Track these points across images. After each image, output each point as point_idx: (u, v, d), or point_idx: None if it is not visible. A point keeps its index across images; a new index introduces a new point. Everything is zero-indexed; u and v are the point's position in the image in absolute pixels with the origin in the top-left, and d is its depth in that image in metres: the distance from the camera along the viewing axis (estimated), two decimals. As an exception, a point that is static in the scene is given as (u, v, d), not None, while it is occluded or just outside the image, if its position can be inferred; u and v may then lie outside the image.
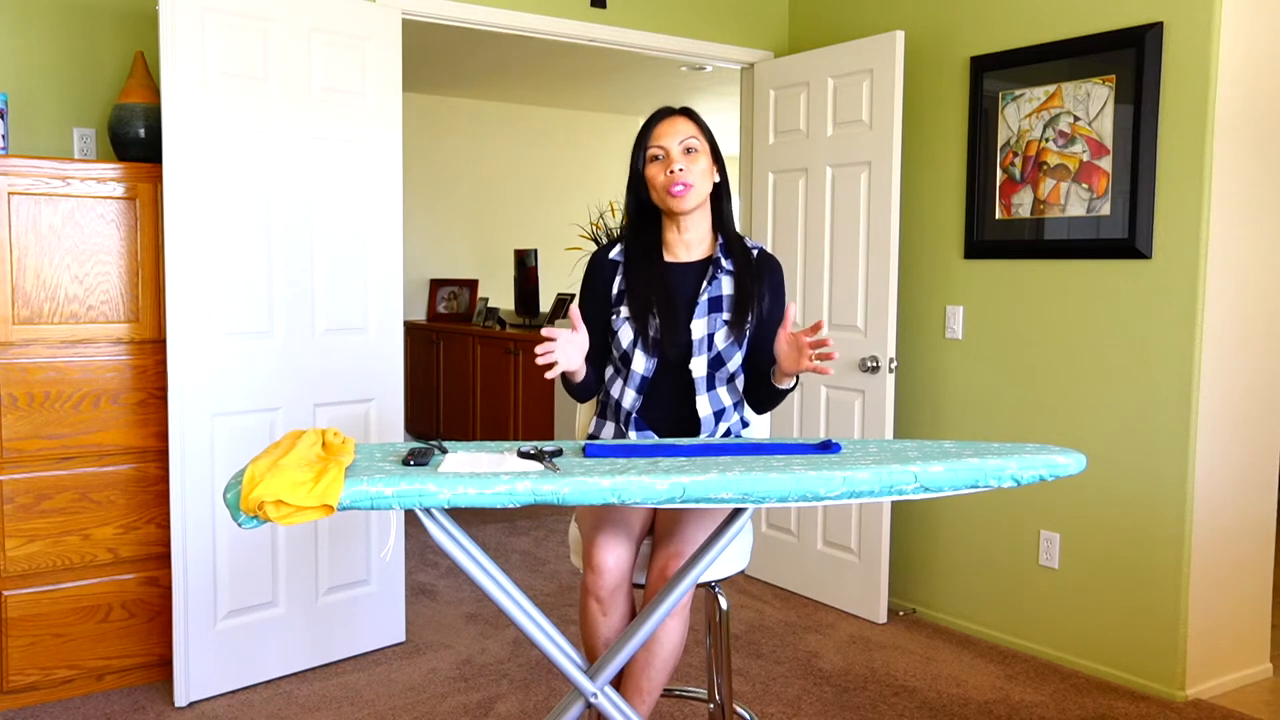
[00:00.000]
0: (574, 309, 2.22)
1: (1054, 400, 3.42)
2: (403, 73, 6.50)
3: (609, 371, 2.38)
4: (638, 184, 2.34)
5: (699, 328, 2.28)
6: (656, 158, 2.29)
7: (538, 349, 2.09)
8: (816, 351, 2.08)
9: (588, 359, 2.31)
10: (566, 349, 2.16)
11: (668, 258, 2.36)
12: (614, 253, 2.39)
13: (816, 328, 2.08)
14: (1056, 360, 3.41)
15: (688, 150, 2.28)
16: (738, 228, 2.46)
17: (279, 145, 3.12)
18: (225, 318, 3.05)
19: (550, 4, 3.76)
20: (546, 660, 3.25)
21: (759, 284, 2.32)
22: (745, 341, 2.30)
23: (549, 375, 2.12)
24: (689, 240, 2.35)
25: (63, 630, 3.02)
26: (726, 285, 2.31)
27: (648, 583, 2.15)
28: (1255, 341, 3.19)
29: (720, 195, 2.37)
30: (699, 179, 2.28)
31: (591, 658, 2.18)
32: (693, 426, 2.32)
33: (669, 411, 2.33)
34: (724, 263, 2.32)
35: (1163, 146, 3.10)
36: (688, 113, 2.34)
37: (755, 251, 2.36)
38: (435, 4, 3.52)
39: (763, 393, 2.34)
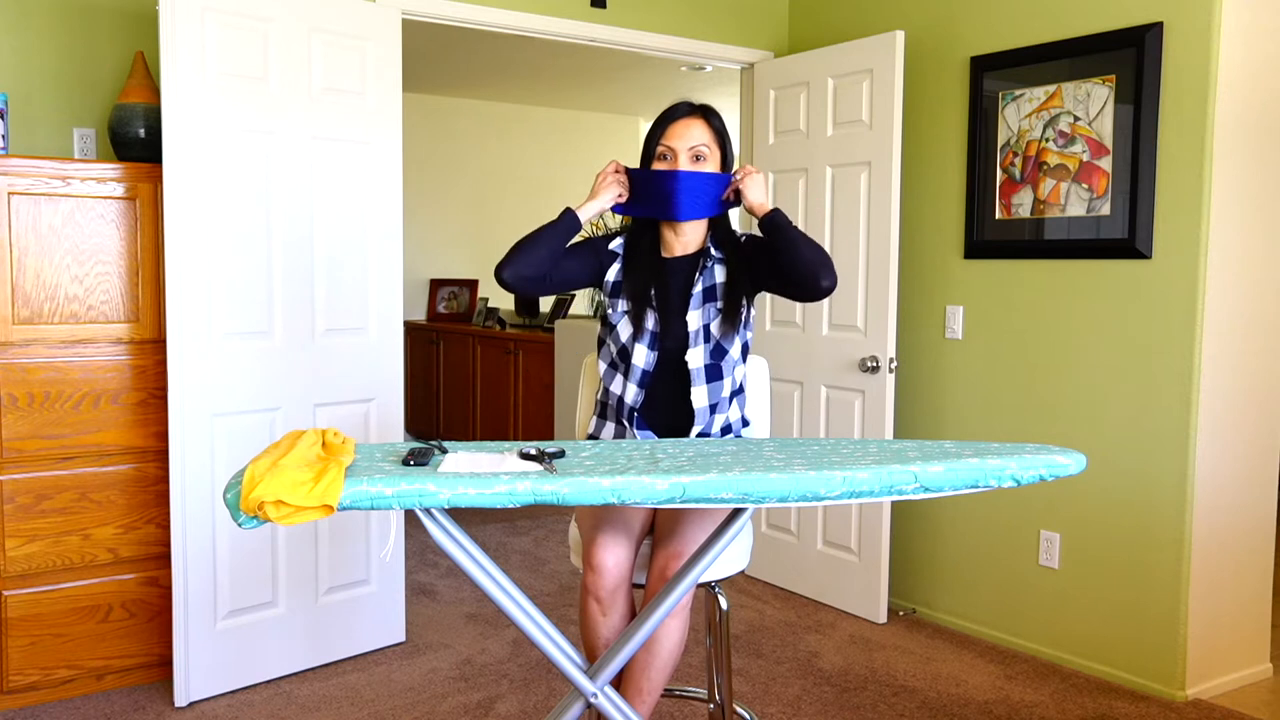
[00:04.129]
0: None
1: (1054, 400, 3.42)
2: (403, 73, 6.50)
3: (603, 367, 2.39)
4: None
5: (694, 319, 2.30)
6: (664, 158, 2.30)
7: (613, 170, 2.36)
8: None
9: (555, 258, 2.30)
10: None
11: (664, 253, 2.39)
12: (614, 244, 2.42)
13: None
14: (1056, 360, 3.41)
15: (696, 158, 2.28)
16: (738, 228, 2.46)
17: (279, 145, 3.12)
18: (225, 318, 3.05)
19: (550, 4, 3.76)
20: (546, 660, 3.25)
21: (747, 266, 2.34)
22: (741, 325, 2.32)
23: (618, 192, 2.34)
24: (685, 241, 2.38)
25: (63, 630, 3.02)
26: (719, 273, 2.34)
27: (648, 583, 2.15)
28: (1255, 342, 3.19)
29: None
30: None
31: (591, 658, 2.18)
32: (691, 419, 2.32)
33: (668, 405, 2.33)
34: (713, 252, 2.35)
35: (1163, 146, 3.10)
36: (705, 114, 2.33)
37: (744, 238, 2.39)
38: (435, 4, 3.52)
39: (783, 262, 2.21)
